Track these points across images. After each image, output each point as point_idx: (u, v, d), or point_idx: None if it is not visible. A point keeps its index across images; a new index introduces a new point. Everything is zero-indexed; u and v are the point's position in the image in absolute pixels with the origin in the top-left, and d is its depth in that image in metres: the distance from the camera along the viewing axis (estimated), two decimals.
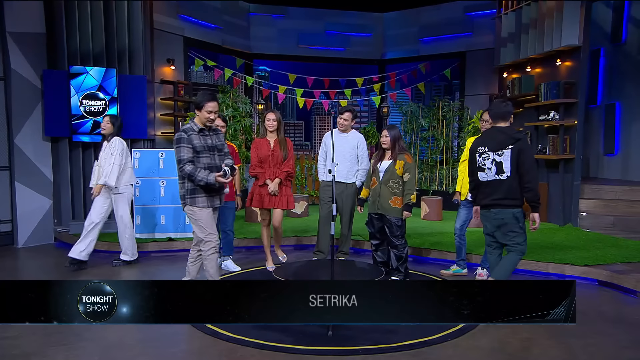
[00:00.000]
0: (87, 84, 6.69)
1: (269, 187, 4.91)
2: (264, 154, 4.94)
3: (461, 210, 5.01)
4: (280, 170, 4.97)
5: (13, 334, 3.48)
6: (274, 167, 4.95)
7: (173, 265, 5.61)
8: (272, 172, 4.94)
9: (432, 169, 9.36)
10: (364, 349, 3.23)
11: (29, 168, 6.56)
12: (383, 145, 4.77)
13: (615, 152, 8.85)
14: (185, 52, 8.71)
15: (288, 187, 5.07)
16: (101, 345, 3.38)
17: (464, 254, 5.09)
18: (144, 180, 6.34)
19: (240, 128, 8.56)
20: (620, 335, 3.57)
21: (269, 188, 4.90)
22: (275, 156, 4.94)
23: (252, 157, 5.01)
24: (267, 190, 4.92)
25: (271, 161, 4.94)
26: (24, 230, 6.56)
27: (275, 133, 5.01)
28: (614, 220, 6.83)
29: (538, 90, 7.62)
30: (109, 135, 5.23)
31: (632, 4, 8.58)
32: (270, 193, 4.91)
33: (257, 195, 4.97)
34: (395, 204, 4.65)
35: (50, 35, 6.72)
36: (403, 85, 10.52)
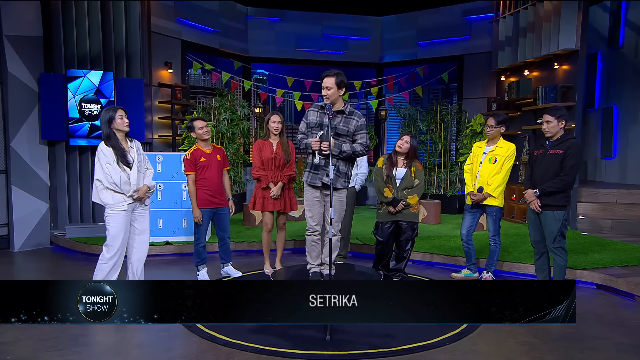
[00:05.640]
0: (84, 87, 6.68)
1: (271, 191, 4.89)
2: (266, 156, 4.91)
3: (466, 215, 4.99)
4: (283, 173, 4.95)
5: (8, 339, 3.45)
6: (276, 170, 4.93)
7: (170, 269, 5.59)
8: (274, 175, 4.92)
9: (430, 172, 9.35)
10: (362, 354, 3.21)
11: (25, 171, 6.54)
12: (399, 149, 4.74)
13: (613, 155, 8.86)
14: (183, 56, 8.71)
15: (291, 190, 5.06)
16: (97, 350, 3.35)
17: (474, 258, 5.09)
18: None
19: (238, 131, 8.54)
20: (618, 339, 3.56)
21: (272, 192, 4.88)
22: (277, 159, 4.92)
23: (254, 159, 4.97)
24: (270, 194, 4.91)
25: (274, 164, 4.92)
26: (20, 234, 6.53)
27: (279, 136, 5.00)
28: (611, 223, 6.83)
29: (535, 93, 7.64)
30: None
31: (629, 7, 8.61)
32: (272, 197, 4.89)
33: (260, 199, 4.95)
34: (413, 208, 4.73)
35: (47, 39, 6.71)
36: (401, 89, 10.54)
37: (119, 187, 4.01)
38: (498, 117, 4.83)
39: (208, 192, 4.76)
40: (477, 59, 9.43)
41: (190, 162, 4.74)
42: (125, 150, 4.09)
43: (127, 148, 4.14)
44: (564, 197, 4.08)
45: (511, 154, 4.77)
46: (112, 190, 4.02)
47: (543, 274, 4.38)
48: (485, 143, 4.97)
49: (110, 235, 4.07)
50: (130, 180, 4.07)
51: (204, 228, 4.83)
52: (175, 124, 8.31)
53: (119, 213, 4.05)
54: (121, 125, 4.08)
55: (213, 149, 4.90)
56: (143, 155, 4.30)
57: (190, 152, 4.79)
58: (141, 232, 4.30)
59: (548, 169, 4.09)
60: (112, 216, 4.06)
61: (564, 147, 4.04)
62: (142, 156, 4.26)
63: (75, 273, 5.45)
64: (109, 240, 4.09)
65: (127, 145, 4.16)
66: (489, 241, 4.91)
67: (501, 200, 4.81)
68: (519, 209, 7.71)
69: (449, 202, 8.86)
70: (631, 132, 8.53)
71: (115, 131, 4.07)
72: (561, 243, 4.14)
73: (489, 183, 4.77)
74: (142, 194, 4.17)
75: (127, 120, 4.12)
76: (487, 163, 4.82)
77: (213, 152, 4.85)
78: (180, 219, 6.34)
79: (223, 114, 8.28)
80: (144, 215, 4.30)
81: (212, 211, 4.84)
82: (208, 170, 4.76)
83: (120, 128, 4.09)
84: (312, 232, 4.04)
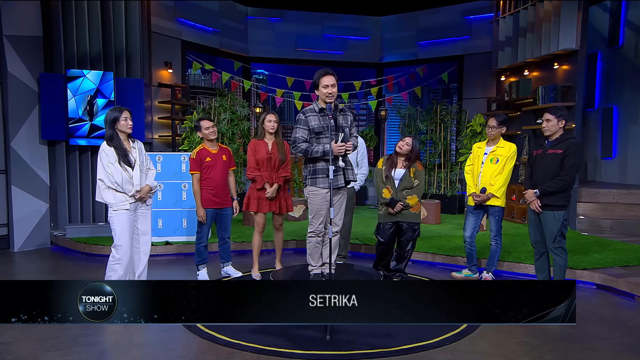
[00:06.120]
0: (84, 87, 6.68)
1: (266, 192, 4.82)
2: (262, 156, 4.83)
3: (469, 217, 4.98)
4: (278, 174, 4.88)
5: (7, 339, 3.45)
6: (271, 170, 4.86)
7: (170, 269, 5.59)
8: (269, 175, 4.85)
9: (430, 172, 9.35)
10: (362, 354, 3.21)
11: (25, 171, 6.54)
12: (399, 150, 4.73)
13: (613, 155, 8.86)
14: (183, 56, 8.71)
15: (285, 191, 5.00)
16: (96, 350, 3.35)
17: (475, 259, 5.09)
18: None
19: (238, 131, 8.54)
20: (618, 339, 3.56)
21: (267, 193, 4.81)
22: (273, 159, 4.85)
23: (249, 159, 4.89)
24: (265, 195, 4.85)
25: (269, 164, 4.84)
26: (20, 234, 6.53)
27: (274, 135, 4.95)
28: (611, 223, 6.83)
29: (535, 93, 7.64)
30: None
31: (629, 7, 8.60)
32: (267, 198, 4.84)
33: (255, 200, 4.88)
34: (413, 209, 4.70)
35: (47, 39, 6.71)
36: (401, 89, 10.54)
37: (121, 187, 4.04)
38: (499, 118, 4.83)
39: (211, 192, 4.76)
40: (477, 59, 9.43)
41: (195, 162, 4.74)
42: (127, 151, 4.12)
43: (130, 148, 4.17)
44: (564, 197, 4.08)
45: (512, 154, 4.78)
46: (113, 189, 4.05)
47: (543, 274, 4.38)
48: (486, 143, 4.97)
49: (116, 234, 4.11)
50: (132, 180, 4.09)
51: (206, 227, 4.83)
52: (175, 124, 8.31)
53: (122, 212, 4.08)
54: (124, 127, 4.10)
55: (219, 148, 4.89)
56: (145, 155, 4.32)
57: (196, 151, 4.79)
58: (143, 233, 4.32)
59: (548, 168, 4.09)
60: (115, 216, 4.09)
61: (564, 147, 4.04)
62: (144, 156, 4.28)
63: (75, 273, 5.44)
64: (116, 240, 4.13)
65: (130, 146, 4.19)
66: (491, 241, 4.91)
67: (504, 200, 4.82)
68: (519, 209, 7.71)
69: (449, 202, 8.86)
70: (631, 132, 8.53)
71: (117, 132, 4.10)
72: (561, 243, 4.14)
73: (491, 183, 4.77)
74: (144, 194, 4.19)
75: (131, 123, 4.15)
76: (488, 163, 4.82)
77: (219, 152, 4.84)
78: (181, 219, 6.33)
79: (223, 114, 8.28)
80: (145, 216, 4.32)
81: (215, 211, 4.84)
82: (213, 170, 4.76)
83: (123, 130, 4.11)
84: (318, 233, 4.01)
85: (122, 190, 4.06)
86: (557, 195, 4.05)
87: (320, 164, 3.87)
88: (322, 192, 3.88)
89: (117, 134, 4.10)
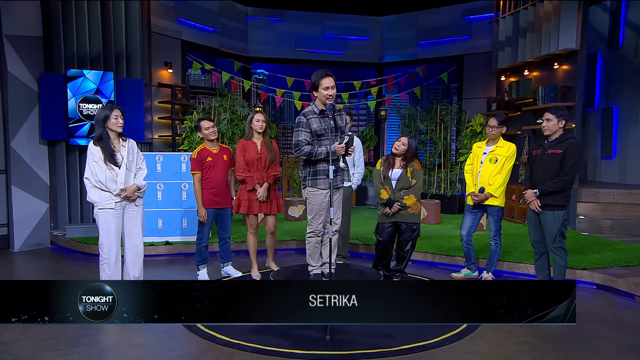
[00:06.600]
0: (84, 88, 6.68)
1: (257, 193, 4.77)
2: (251, 157, 4.78)
3: (466, 216, 4.99)
4: (268, 174, 4.84)
5: (7, 339, 3.45)
6: (261, 170, 4.81)
7: (170, 269, 5.59)
8: (259, 176, 4.80)
9: (430, 172, 9.35)
10: (362, 354, 3.21)
11: (25, 171, 6.54)
12: (395, 151, 4.72)
13: (613, 155, 8.86)
14: (183, 56, 8.71)
15: (276, 191, 4.98)
16: (96, 350, 3.35)
17: (474, 257, 5.09)
18: None
19: (238, 131, 8.54)
20: (618, 339, 3.56)
21: (258, 194, 4.77)
22: (263, 159, 4.81)
23: (238, 160, 4.83)
24: (255, 196, 4.80)
25: (259, 165, 4.80)
26: (20, 234, 6.53)
27: (262, 135, 4.90)
28: (611, 223, 6.83)
29: (535, 93, 7.64)
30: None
31: (629, 7, 8.60)
32: (258, 199, 4.79)
33: (246, 201, 4.82)
34: (412, 209, 4.69)
35: (47, 39, 6.71)
36: (401, 89, 10.54)
37: (105, 186, 4.02)
38: (499, 118, 4.83)
39: (212, 192, 4.75)
40: (477, 59, 9.43)
41: (196, 162, 4.74)
42: (114, 150, 4.08)
43: (119, 147, 4.14)
44: (564, 197, 4.08)
45: (512, 153, 4.78)
46: (98, 188, 4.04)
47: (543, 274, 4.38)
48: (485, 143, 4.97)
49: (100, 233, 4.09)
50: (117, 179, 4.06)
51: (207, 228, 4.83)
52: (175, 124, 8.31)
53: (107, 211, 4.06)
54: (115, 125, 4.08)
55: (220, 148, 4.88)
56: (137, 154, 4.29)
57: (197, 151, 4.78)
58: (133, 234, 4.27)
59: (548, 168, 4.09)
60: (100, 214, 4.07)
61: (563, 147, 4.04)
62: (134, 155, 4.24)
63: (75, 273, 5.45)
64: (101, 239, 4.10)
65: (119, 145, 4.15)
66: (490, 241, 4.91)
67: (502, 200, 4.81)
68: (519, 209, 7.70)
69: (449, 202, 8.85)
70: (631, 132, 8.53)
71: (108, 130, 4.08)
72: (561, 243, 4.14)
73: (490, 183, 4.77)
74: (130, 193, 4.13)
75: (122, 121, 4.12)
76: (488, 163, 4.82)
77: (220, 152, 4.84)
78: (180, 219, 6.33)
79: (223, 114, 8.28)
80: (135, 216, 4.26)
81: (216, 211, 4.84)
82: (213, 171, 4.75)
83: (114, 128, 4.09)
84: (317, 233, 4.01)
85: (107, 189, 4.04)
86: (557, 195, 4.06)
87: (321, 165, 3.88)
88: (322, 193, 3.89)
89: (107, 132, 4.07)
